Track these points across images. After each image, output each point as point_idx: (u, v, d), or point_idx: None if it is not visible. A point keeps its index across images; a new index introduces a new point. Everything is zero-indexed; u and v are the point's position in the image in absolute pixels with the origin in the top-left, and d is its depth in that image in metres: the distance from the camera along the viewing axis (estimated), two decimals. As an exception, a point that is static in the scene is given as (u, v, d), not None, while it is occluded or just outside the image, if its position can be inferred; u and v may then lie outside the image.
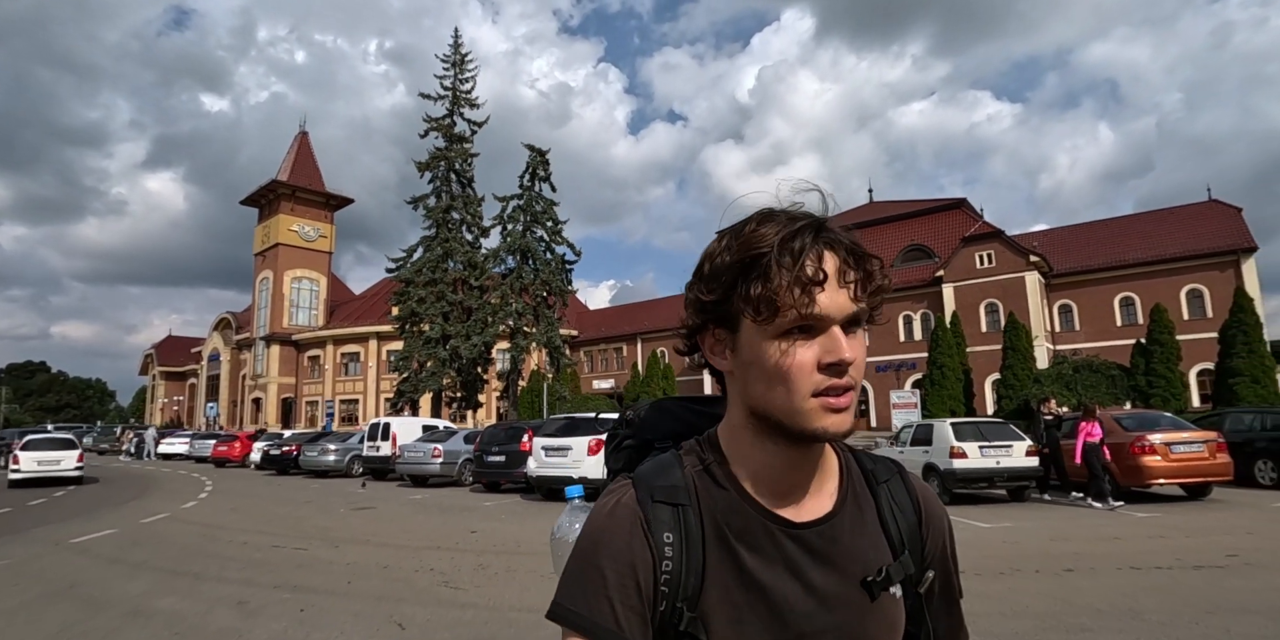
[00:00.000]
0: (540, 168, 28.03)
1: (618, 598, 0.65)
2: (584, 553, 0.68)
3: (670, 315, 51.17)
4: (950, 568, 0.79)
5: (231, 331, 65.35)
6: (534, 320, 27.60)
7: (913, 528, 0.75)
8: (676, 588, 0.67)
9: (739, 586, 0.68)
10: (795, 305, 0.63)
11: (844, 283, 0.64)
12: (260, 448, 21.12)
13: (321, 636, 4.53)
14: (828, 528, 0.70)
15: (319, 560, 7.20)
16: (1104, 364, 25.95)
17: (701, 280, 0.69)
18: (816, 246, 0.64)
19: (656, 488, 0.71)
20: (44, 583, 6.34)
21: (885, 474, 0.78)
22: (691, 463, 0.73)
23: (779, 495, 0.71)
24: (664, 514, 0.69)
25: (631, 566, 0.66)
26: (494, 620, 4.85)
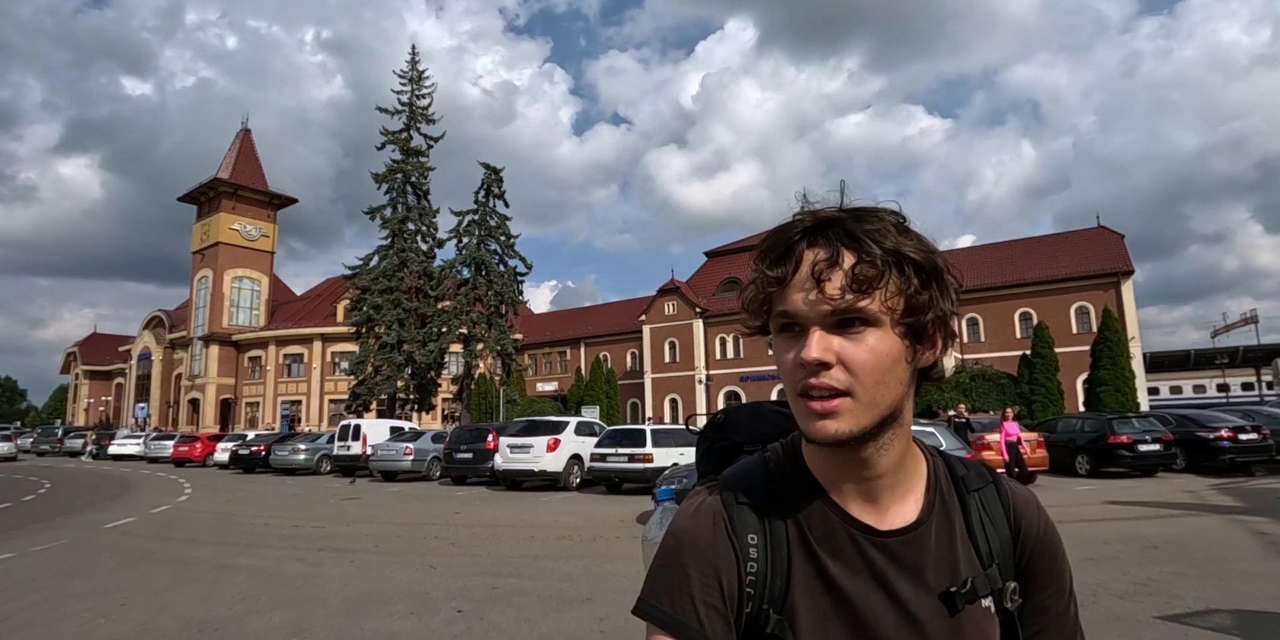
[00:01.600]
0: (495, 185, 29.82)
1: (700, 596, 0.65)
2: (669, 552, 0.68)
3: (613, 320, 53.36)
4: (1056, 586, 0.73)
5: (164, 330, 63.93)
6: (487, 328, 29.32)
7: (1005, 540, 0.72)
8: (762, 589, 0.66)
9: (824, 593, 0.66)
10: (772, 305, 0.64)
11: (820, 280, 0.61)
12: (227, 448, 22.21)
13: (379, 574, 6.51)
14: (914, 537, 0.68)
15: (340, 534, 9.06)
16: (995, 373, 29.49)
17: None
18: (797, 247, 0.63)
19: (740, 490, 0.71)
20: (123, 553, 8.01)
21: (978, 482, 0.74)
22: (777, 465, 0.73)
23: (859, 500, 0.69)
24: (748, 516, 0.69)
25: (715, 566, 0.66)
26: (496, 562, 6.93)
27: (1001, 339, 40.24)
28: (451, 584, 6.05)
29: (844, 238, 0.62)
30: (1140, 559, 6.32)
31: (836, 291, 0.61)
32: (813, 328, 0.62)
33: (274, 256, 61.62)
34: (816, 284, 0.61)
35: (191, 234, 61.33)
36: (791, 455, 0.73)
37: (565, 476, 14.03)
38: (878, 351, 0.62)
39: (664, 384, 46.23)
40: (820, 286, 0.61)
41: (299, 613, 5.23)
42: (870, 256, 0.61)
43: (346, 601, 5.56)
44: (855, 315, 0.62)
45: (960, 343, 41.28)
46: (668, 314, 46.78)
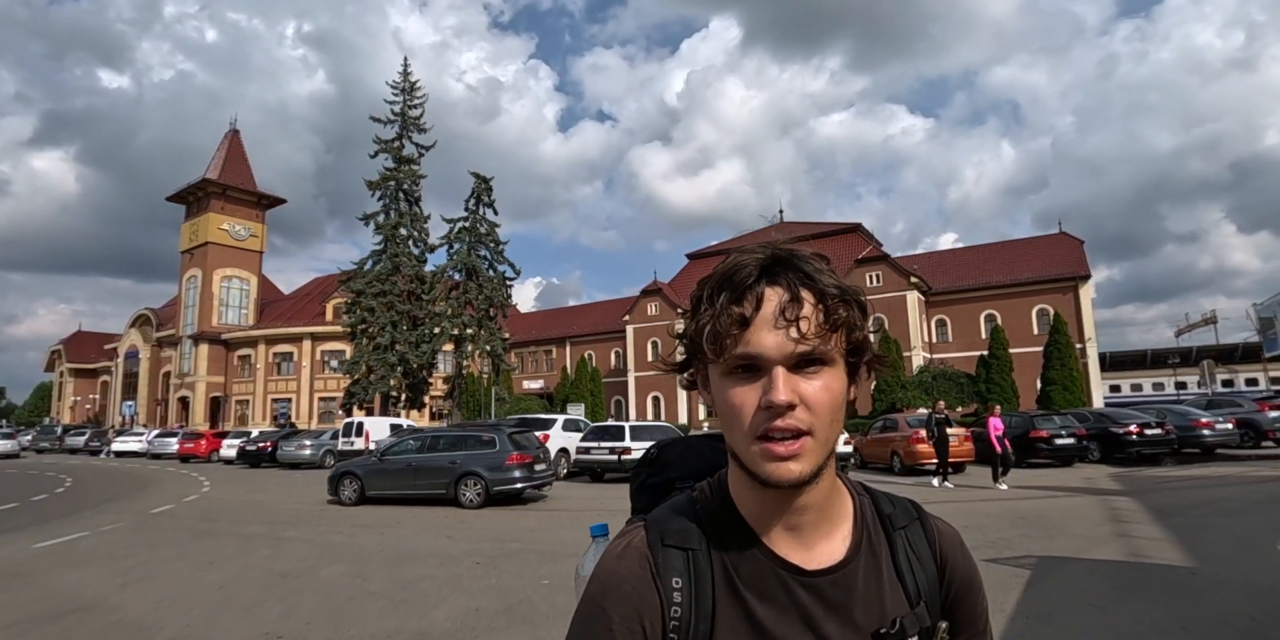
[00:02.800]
0: (485, 194, 31.34)
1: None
2: (592, 596, 0.68)
3: (597, 320, 54.99)
4: (977, 623, 0.74)
5: (151, 328, 64.45)
6: (478, 330, 30.85)
7: (932, 578, 0.72)
8: (685, 634, 0.66)
9: (749, 636, 0.65)
10: (731, 345, 0.61)
11: (785, 320, 0.60)
12: (234, 444, 23.62)
13: (406, 542, 8.15)
14: (841, 576, 0.68)
15: (363, 515, 10.66)
16: (955, 373, 31.50)
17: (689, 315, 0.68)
18: (759, 284, 0.62)
19: (667, 531, 0.70)
20: (185, 530, 9.55)
21: (904, 519, 0.74)
22: (703, 505, 0.71)
23: (786, 539, 0.68)
24: (674, 559, 0.68)
25: (638, 611, 0.66)
26: (500, 533, 8.59)
27: (967, 339, 42.37)
28: (467, 547, 7.69)
29: (801, 278, 0.62)
30: (1004, 526, 8.09)
31: (811, 332, 0.61)
32: (776, 369, 0.61)
33: (262, 256, 62.35)
34: (788, 324, 0.60)
35: (178, 231, 61.96)
36: (719, 495, 0.71)
37: (554, 467, 15.65)
38: (833, 390, 0.63)
39: (647, 382, 47.94)
40: (793, 326, 0.60)
41: (354, 566, 6.86)
42: (833, 297, 0.62)
43: (387, 559, 7.20)
44: (818, 356, 0.62)
45: (929, 343, 43.40)
46: (650, 314, 48.46)
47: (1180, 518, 8.32)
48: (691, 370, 0.71)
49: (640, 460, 0.91)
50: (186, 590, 6.02)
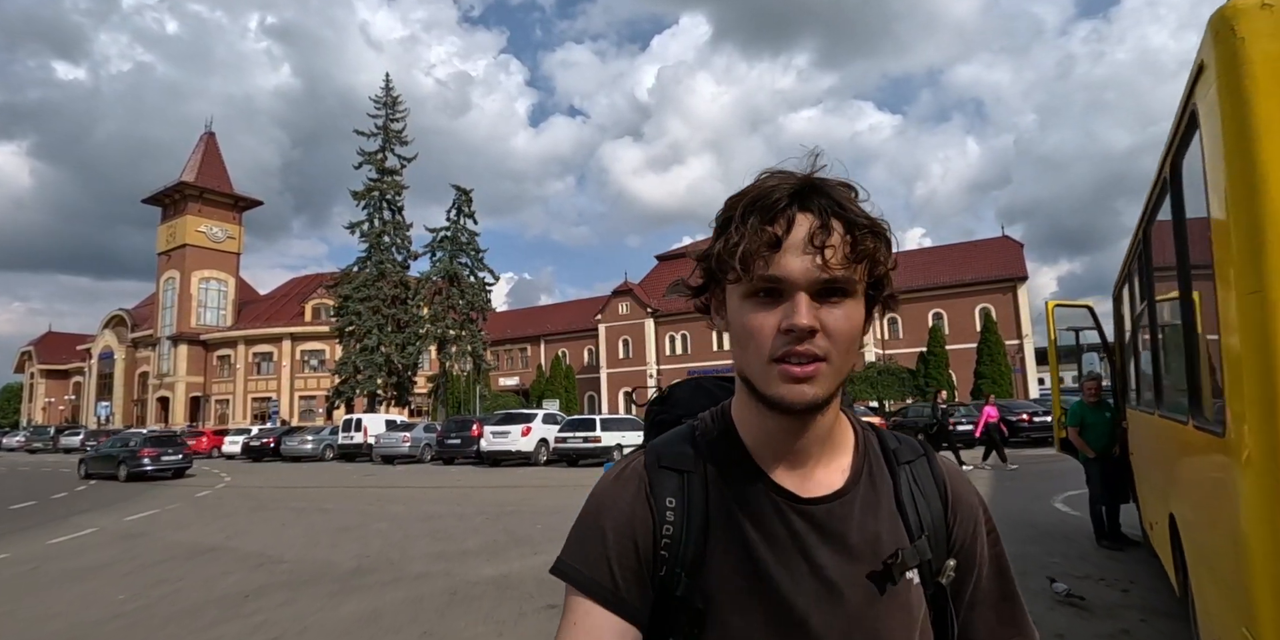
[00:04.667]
0: (465, 205, 33.52)
1: (615, 558, 0.66)
2: (588, 514, 0.70)
3: (570, 319, 57.31)
4: (990, 562, 0.74)
5: (126, 329, 64.89)
6: (460, 333, 33.07)
7: (937, 513, 0.71)
8: (676, 552, 0.66)
9: (741, 558, 0.66)
10: (757, 266, 0.61)
11: (813, 247, 0.60)
12: (237, 440, 25.62)
13: (425, 509, 10.56)
14: (838, 505, 0.68)
15: (382, 494, 13.01)
16: (898, 368, 34.58)
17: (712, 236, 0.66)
18: (790, 208, 0.61)
19: (664, 454, 0.71)
20: (237, 507, 11.80)
21: (909, 454, 0.74)
22: (703, 432, 0.73)
23: (784, 466, 0.69)
24: (669, 479, 0.69)
25: (631, 528, 0.67)
26: (498, 502, 11.04)
27: (916, 336, 45.54)
28: (474, 511, 10.12)
29: (833, 206, 0.61)
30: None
31: (837, 260, 0.60)
32: (800, 294, 0.60)
33: (239, 257, 63.14)
34: (816, 250, 0.60)
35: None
36: (721, 423, 0.73)
37: (535, 455, 18.19)
38: (853, 320, 0.62)
39: (618, 378, 50.42)
40: (820, 253, 0.60)
41: (393, 523, 9.25)
42: (862, 228, 0.61)
43: (416, 517, 9.60)
44: (842, 285, 0.61)
45: (882, 340, 46.58)
46: (621, 314, 50.94)
47: (1010, 482, 11.08)
48: (706, 295, 0.70)
49: (652, 400, 0.92)
50: (279, 538, 8.38)
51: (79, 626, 4.92)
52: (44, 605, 5.60)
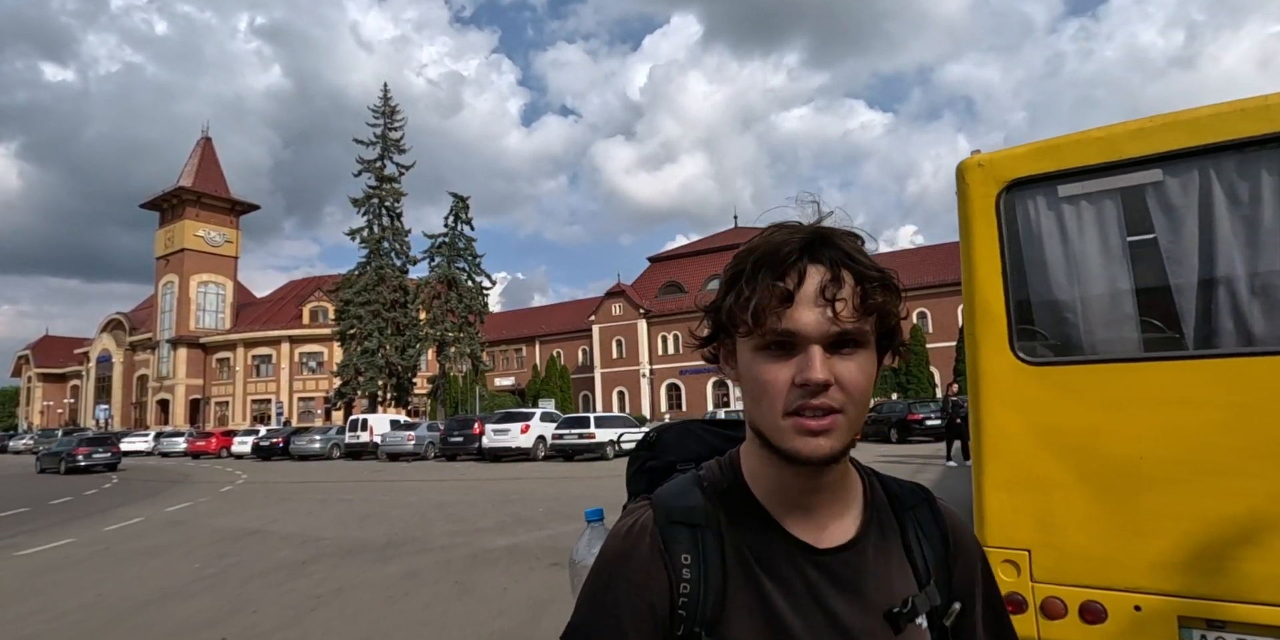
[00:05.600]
0: (462, 212, 34.66)
1: (629, 621, 0.65)
2: (599, 574, 0.68)
3: (564, 320, 58.47)
4: (988, 604, 0.76)
5: (124, 332, 65.53)
6: (459, 335, 34.21)
7: (939, 557, 0.73)
8: (694, 611, 0.65)
9: (760, 613, 0.65)
10: (770, 321, 0.61)
11: (825, 300, 0.60)
12: (246, 441, 26.73)
13: (437, 497, 11.73)
14: (851, 555, 0.68)
15: (394, 486, 14.16)
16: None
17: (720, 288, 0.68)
18: (801, 261, 0.62)
19: (674, 508, 0.70)
20: (263, 499, 12.93)
21: (912, 500, 0.75)
22: (712, 483, 0.72)
23: (798, 518, 0.69)
24: (681, 535, 0.68)
25: (646, 589, 0.66)
26: (503, 491, 12.23)
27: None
28: (481, 499, 11.30)
29: (843, 258, 0.62)
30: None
31: (849, 313, 0.61)
32: (814, 347, 0.61)
33: (237, 261, 63.86)
34: (828, 303, 0.60)
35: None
36: (730, 473, 0.72)
37: (534, 450, 19.44)
38: (867, 372, 0.63)
39: (612, 378, 51.63)
40: (832, 305, 0.60)
41: (410, 509, 10.42)
42: (873, 281, 0.62)
43: (430, 506, 10.77)
44: (854, 337, 0.62)
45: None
46: (615, 314, 52.13)
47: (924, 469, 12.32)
48: (715, 344, 0.70)
49: (638, 444, 0.91)
50: (312, 523, 9.54)
51: (172, 586, 6.08)
52: (133, 574, 6.77)
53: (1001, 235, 2.83)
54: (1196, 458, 2.41)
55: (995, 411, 2.80)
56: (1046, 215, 2.80)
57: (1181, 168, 2.59)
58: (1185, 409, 2.47)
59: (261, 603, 5.36)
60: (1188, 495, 2.41)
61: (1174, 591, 2.42)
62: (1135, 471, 2.48)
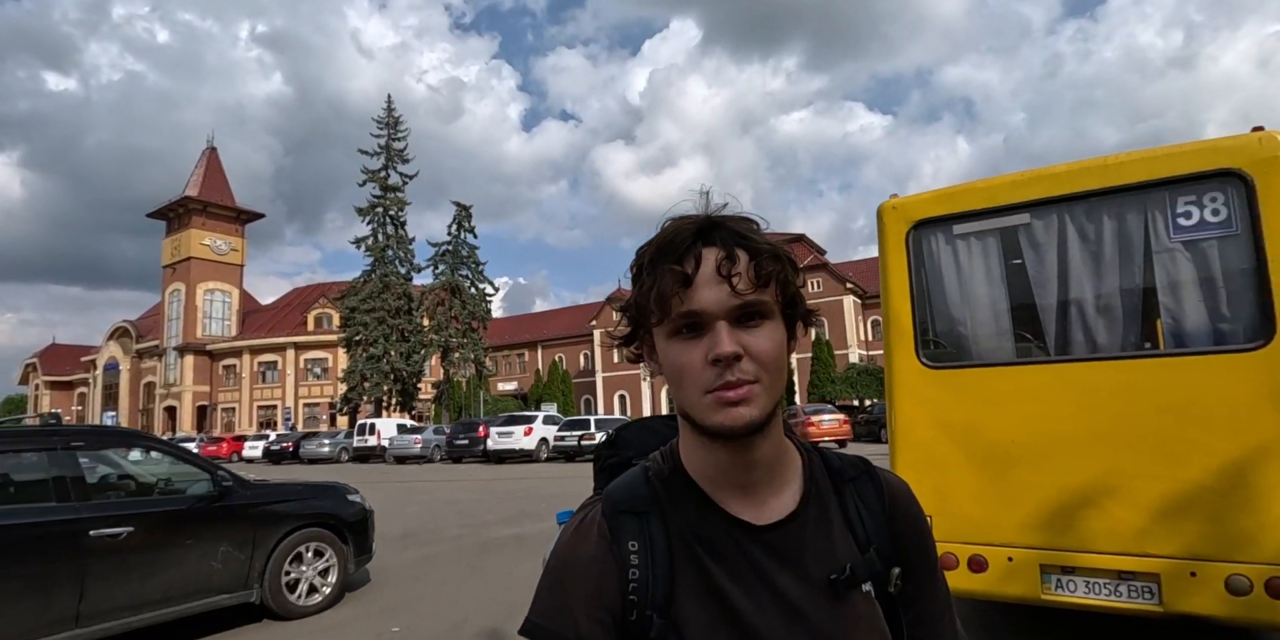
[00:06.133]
0: (465, 220, 35.42)
1: (582, 610, 0.67)
2: (551, 570, 0.71)
3: (566, 324, 59.19)
4: (929, 568, 0.78)
5: (131, 340, 66.08)
6: (463, 341, 34.95)
7: (880, 525, 0.74)
8: (645, 595, 0.67)
9: (708, 594, 0.67)
10: (675, 305, 0.64)
11: (721, 276, 0.64)
12: (257, 445, 27.50)
13: (451, 496, 12.42)
14: (791, 529, 0.70)
15: (408, 485, 14.85)
16: (876, 369, 36.54)
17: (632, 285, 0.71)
18: (695, 245, 0.65)
19: (620, 499, 0.72)
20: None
21: (852, 471, 0.77)
22: (656, 472, 0.74)
23: (738, 497, 0.71)
24: (628, 524, 0.70)
25: (596, 578, 0.68)
26: (511, 489, 12.92)
27: (898, 337, 47.59)
28: (489, 496, 11.99)
29: (734, 238, 0.66)
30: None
31: (746, 285, 0.64)
32: (719, 323, 0.64)
33: (243, 269, 64.53)
34: (725, 279, 0.63)
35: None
36: (671, 461, 0.74)
37: (537, 452, 20.20)
38: (775, 341, 0.66)
39: (613, 382, 52.29)
40: (729, 282, 0.63)
41: (422, 507, 11.10)
42: (763, 254, 0.65)
43: (440, 503, 11.45)
44: (757, 309, 0.65)
45: (866, 342, 48.55)
46: (615, 319, 52.70)
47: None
48: (637, 343, 0.73)
49: (601, 443, 0.94)
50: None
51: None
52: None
53: (910, 264, 3.55)
54: (1051, 441, 3.12)
55: (905, 406, 3.51)
56: (944, 249, 3.51)
57: (1044, 213, 3.30)
58: (1044, 403, 3.17)
59: (297, 583, 6.05)
60: (1045, 471, 3.11)
61: (1037, 545, 3.12)
62: (1007, 453, 3.18)
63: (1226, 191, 2.94)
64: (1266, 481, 2.75)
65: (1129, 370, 3.07)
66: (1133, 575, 2.95)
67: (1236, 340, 2.90)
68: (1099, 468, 3.04)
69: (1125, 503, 2.97)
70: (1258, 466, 2.77)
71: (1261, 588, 2.71)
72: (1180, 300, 3.03)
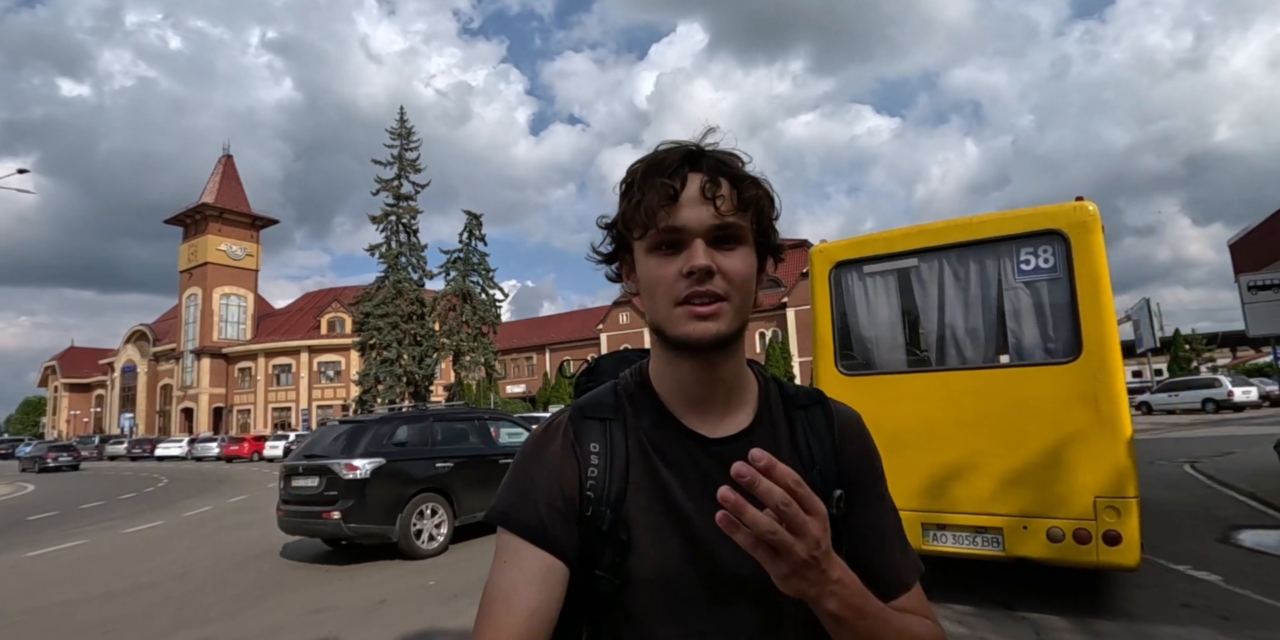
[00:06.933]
0: (476, 228, 36.64)
1: (543, 499, 0.72)
2: (519, 462, 0.76)
3: (574, 328, 60.30)
4: (873, 492, 0.79)
5: (148, 343, 67.49)
6: (473, 345, 36.17)
7: (827, 450, 0.77)
8: (601, 493, 0.73)
9: (657, 496, 0.73)
10: (657, 220, 0.69)
11: (705, 198, 0.68)
12: (277, 445, 28.73)
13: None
14: (742, 444, 0.72)
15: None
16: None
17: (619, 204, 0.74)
18: (683, 168, 0.70)
19: (586, 405, 0.79)
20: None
21: (805, 400, 0.81)
22: (624, 386, 0.80)
23: (694, 412, 0.76)
24: (592, 427, 0.76)
25: (557, 472, 0.74)
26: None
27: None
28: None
29: (720, 166, 0.71)
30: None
31: (727, 208, 0.69)
32: (697, 241, 0.69)
33: (258, 274, 65.89)
34: (707, 201, 0.68)
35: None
36: (638, 377, 0.80)
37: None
38: (748, 263, 0.71)
39: (619, 385, 53.24)
40: (713, 203, 0.68)
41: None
42: (744, 181, 0.71)
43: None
44: (733, 232, 0.70)
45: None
46: (622, 323, 53.91)
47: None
48: (618, 264, 0.78)
49: (584, 371, 0.98)
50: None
51: (277, 540, 7.89)
52: (240, 538, 8.63)
53: (832, 295, 4.62)
54: (929, 430, 4.18)
55: (827, 404, 4.58)
56: (857, 284, 4.59)
57: (928, 258, 4.37)
58: (926, 401, 4.23)
59: (342, 554, 7.20)
60: (925, 452, 4.17)
61: (919, 508, 4.17)
62: (899, 439, 4.24)
63: (1053, 245, 4.00)
64: (1075, 459, 3.80)
65: (985, 377, 4.13)
66: (984, 529, 4.00)
67: (1057, 356, 3.95)
68: (962, 449, 4.09)
69: (980, 475, 4.02)
70: (1070, 448, 3.82)
71: (1070, 537, 3.76)
72: (1021, 326, 4.08)
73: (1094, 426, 3.76)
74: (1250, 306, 7.66)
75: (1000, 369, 4.13)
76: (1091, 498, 3.72)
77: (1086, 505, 3.73)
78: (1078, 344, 3.86)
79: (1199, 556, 5.21)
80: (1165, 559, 5.16)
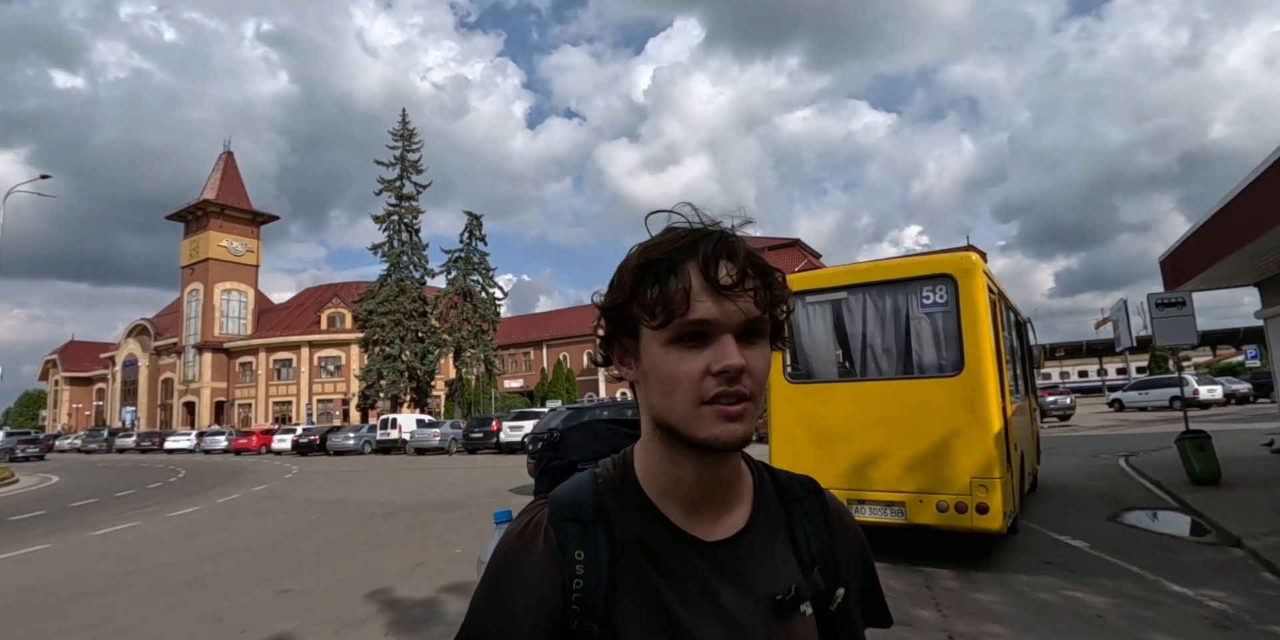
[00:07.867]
0: (476, 229, 37.78)
1: (525, 618, 0.66)
2: (494, 573, 0.70)
3: (571, 324, 61.36)
4: (869, 588, 0.80)
5: (149, 338, 68.26)
6: (473, 341, 37.35)
7: (825, 546, 0.75)
8: (587, 605, 0.67)
9: (649, 606, 0.68)
10: (686, 311, 0.63)
11: (737, 291, 0.63)
12: (286, 438, 29.89)
13: (475, 477, 14.77)
14: (739, 546, 0.70)
15: (434, 471, 17.18)
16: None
17: (611, 289, 0.69)
18: (715, 255, 0.64)
19: (567, 505, 0.71)
20: (330, 482, 15.95)
21: (800, 492, 0.78)
22: (606, 480, 0.73)
23: (689, 512, 0.71)
24: (575, 532, 0.69)
25: (540, 586, 0.67)
26: (523, 476, 15.23)
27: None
28: (507, 476, 14.27)
29: (749, 256, 0.66)
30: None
31: (757, 303, 0.64)
32: (728, 336, 0.63)
33: (258, 270, 66.67)
34: (739, 294, 0.63)
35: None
36: (623, 470, 0.74)
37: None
38: (769, 361, 0.67)
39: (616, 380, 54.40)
40: (743, 297, 0.63)
41: (451, 486, 13.40)
42: (774, 277, 0.66)
43: (467, 483, 13.74)
44: (758, 327, 0.65)
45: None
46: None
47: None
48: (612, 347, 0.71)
49: (543, 445, 0.91)
50: (378, 493, 12.54)
51: (306, 525, 9.08)
52: (272, 521, 9.78)
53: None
54: (852, 426, 5.40)
55: (776, 407, 5.79)
56: (801, 311, 5.81)
57: (855, 292, 5.59)
58: (851, 404, 5.45)
59: (375, 532, 8.38)
60: (849, 443, 5.38)
61: (845, 487, 5.39)
62: (829, 433, 5.45)
63: (945, 285, 5.21)
64: (956, 449, 5.02)
65: (894, 386, 5.35)
66: (892, 503, 5.22)
67: (946, 371, 5.17)
68: (876, 441, 5.31)
69: (889, 461, 5.24)
70: (954, 441, 5.04)
71: (953, 507, 4.98)
72: (921, 347, 5.30)
73: (971, 425, 4.98)
74: (1158, 321, 8.88)
75: (905, 380, 5.34)
76: (968, 478, 4.94)
77: (965, 484, 4.95)
78: (961, 362, 5.07)
79: (1083, 530, 6.43)
80: (1055, 531, 6.38)
